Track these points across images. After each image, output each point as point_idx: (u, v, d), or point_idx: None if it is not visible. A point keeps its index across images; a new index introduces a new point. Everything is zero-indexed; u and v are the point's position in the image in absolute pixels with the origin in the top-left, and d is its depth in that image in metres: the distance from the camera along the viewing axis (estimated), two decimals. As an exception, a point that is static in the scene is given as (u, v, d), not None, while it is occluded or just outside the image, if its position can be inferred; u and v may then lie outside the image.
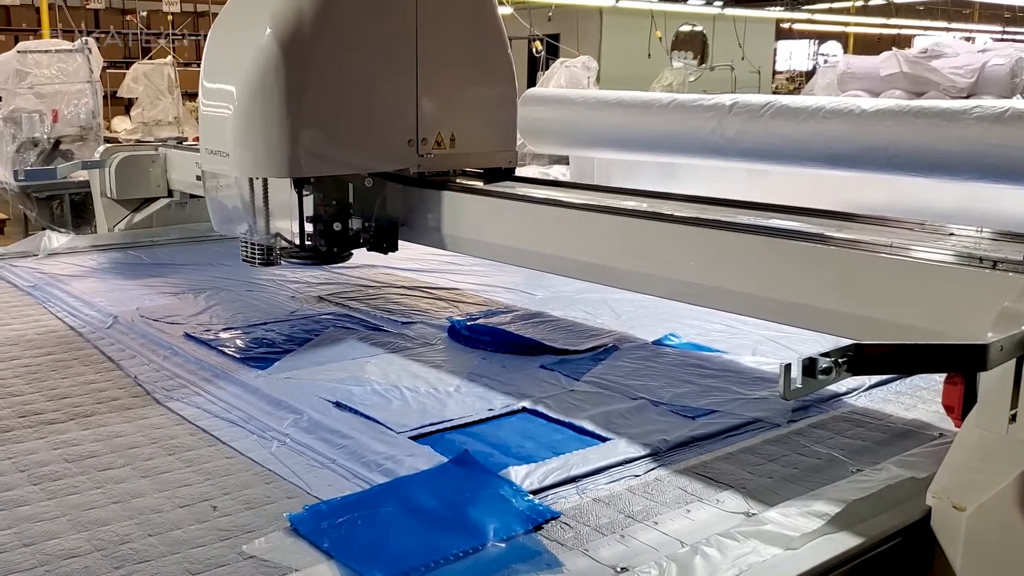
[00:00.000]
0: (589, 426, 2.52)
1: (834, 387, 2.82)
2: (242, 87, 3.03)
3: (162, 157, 5.12)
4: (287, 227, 3.36)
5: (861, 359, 1.65)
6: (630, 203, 2.93)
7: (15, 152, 10.05)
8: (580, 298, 3.90)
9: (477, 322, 3.48)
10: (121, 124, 15.86)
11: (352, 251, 3.46)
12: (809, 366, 1.60)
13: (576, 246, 2.89)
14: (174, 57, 18.37)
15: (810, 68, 25.84)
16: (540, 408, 2.66)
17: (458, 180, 3.42)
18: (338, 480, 2.21)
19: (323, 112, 3.07)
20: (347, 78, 3.12)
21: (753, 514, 2.03)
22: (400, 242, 3.45)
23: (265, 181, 3.21)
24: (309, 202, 3.30)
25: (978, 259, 2.11)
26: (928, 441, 2.47)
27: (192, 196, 5.09)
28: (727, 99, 5.75)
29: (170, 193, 5.15)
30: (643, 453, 2.35)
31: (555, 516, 2.03)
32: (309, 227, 3.35)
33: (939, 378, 2.27)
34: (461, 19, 3.39)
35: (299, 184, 3.19)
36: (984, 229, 2.48)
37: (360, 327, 3.50)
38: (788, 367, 1.59)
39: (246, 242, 3.37)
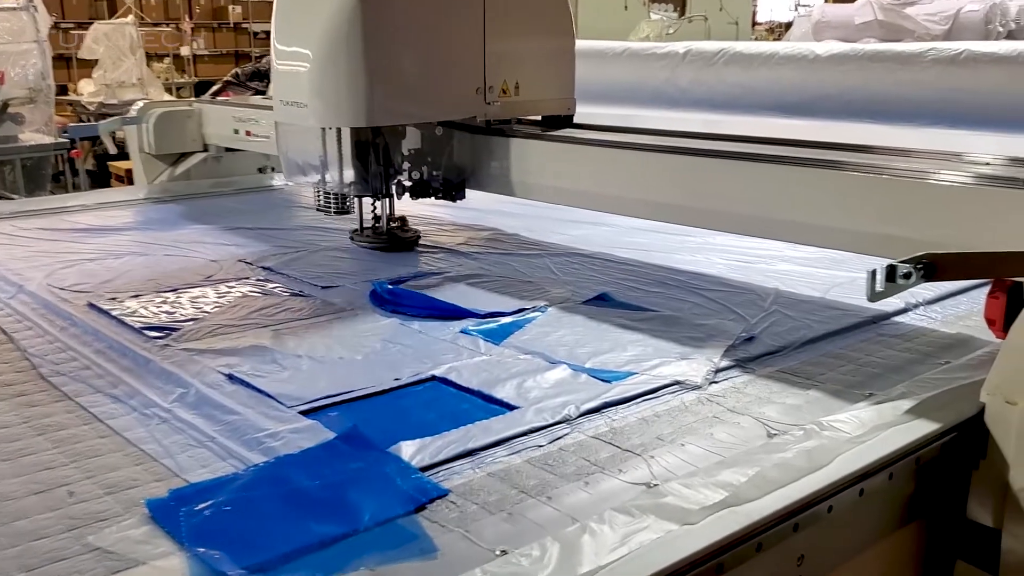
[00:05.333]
0: (499, 394, 2.36)
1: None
2: (321, 39, 3.21)
3: (197, 112, 5.41)
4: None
5: (937, 266, 1.93)
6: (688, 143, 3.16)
7: (-38, 115, 9.76)
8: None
9: (401, 286, 3.30)
10: (87, 87, 15.51)
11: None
12: (890, 272, 1.89)
13: (646, 186, 3.15)
14: (138, 15, 17.95)
15: (791, 19, 25.49)
16: (451, 376, 2.49)
17: (523, 128, 3.61)
18: (213, 460, 2.04)
19: (398, 61, 3.26)
20: (421, 28, 3.30)
21: (655, 485, 1.87)
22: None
23: (339, 131, 3.39)
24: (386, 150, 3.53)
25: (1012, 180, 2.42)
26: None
27: (227, 150, 5.41)
28: (680, 47, 5.55)
29: (205, 148, 5.44)
30: (550, 422, 2.19)
31: (443, 494, 1.86)
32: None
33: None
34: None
35: (376, 134, 3.39)
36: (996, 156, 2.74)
37: (278, 292, 3.31)
38: (873, 272, 1.90)
39: (319, 192, 3.79)
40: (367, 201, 3.87)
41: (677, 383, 2.44)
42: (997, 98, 4.26)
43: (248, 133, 5.05)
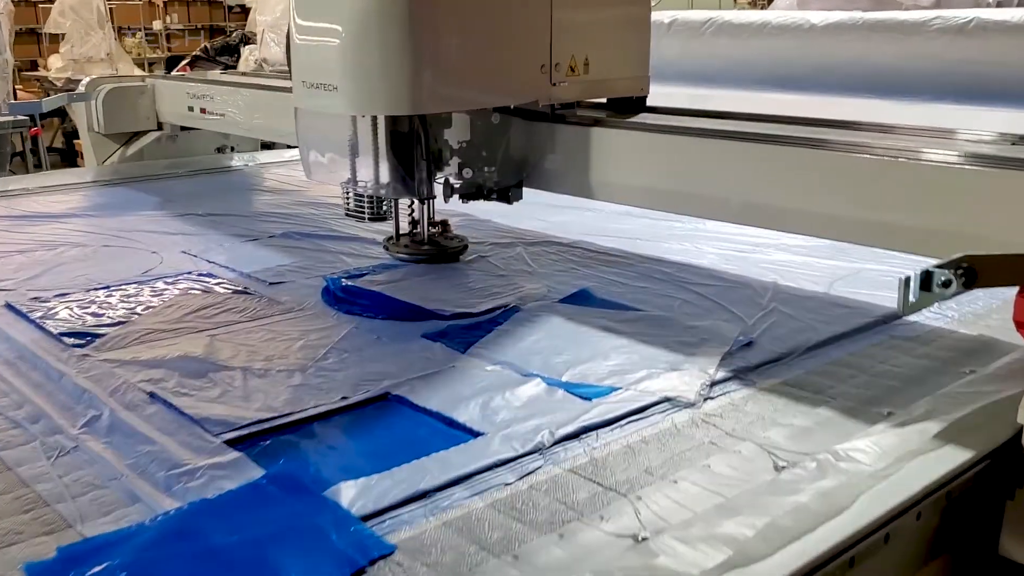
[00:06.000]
0: (461, 416, 2.03)
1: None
2: (355, 7, 2.56)
3: (150, 88, 5.02)
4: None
5: (976, 270, 1.65)
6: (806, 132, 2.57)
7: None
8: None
9: (357, 281, 2.96)
10: (56, 62, 15.02)
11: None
12: (926, 279, 1.62)
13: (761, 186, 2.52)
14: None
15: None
16: (408, 394, 2.17)
17: (590, 113, 2.96)
18: (118, 506, 1.71)
19: (449, 35, 2.63)
20: None
21: (644, 539, 1.56)
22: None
23: (375, 120, 2.74)
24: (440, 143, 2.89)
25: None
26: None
27: (183, 128, 5.04)
28: (665, 16, 5.19)
29: (159, 126, 5.07)
30: (519, 452, 1.87)
31: (386, 553, 1.54)
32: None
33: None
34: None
35: (419, 123, 2.75)
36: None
37: (219, 289, 2.97)
38: (907, 281, 1.63)
39: (349, 195, 2.94)
40: (403, 203, 3.24)
41: (667, 400, 2.12)
42: (1009, 70, 3.94)
43: (203, 111, 4.69)
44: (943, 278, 1.62)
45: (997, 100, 3.95)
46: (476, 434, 1.96)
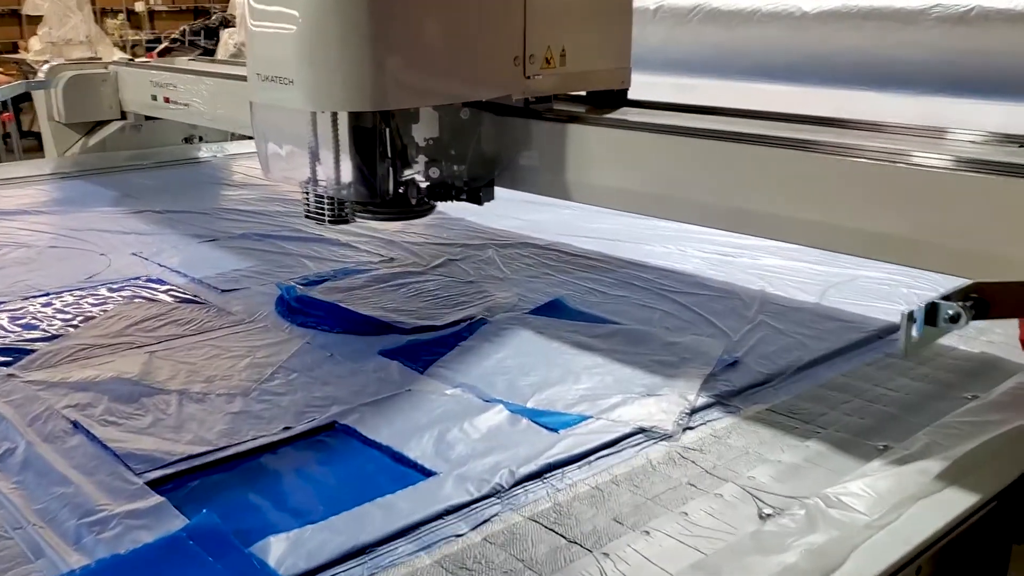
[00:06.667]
0: (413, 452, 1.84)
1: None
2: None
3: (113, 76, 4.79)
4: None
5: (987, 301, 1.50)
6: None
7: None
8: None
9: (315, 289, 2.76)
10: (36, 45, 14.71)
11: (436, 203, 2.76)
12: (931, 313, 1.47)
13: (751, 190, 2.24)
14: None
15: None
16: (356, 423, 1.97)
17: (567, 107, 2.75)
18: (18, 562, 1.51)
19: (414, 23, 2.38)
20: None
21: (613, 614, 1.37)
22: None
23: (335, 116, 2.44)
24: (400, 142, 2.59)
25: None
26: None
27: (148, 118, 4.82)
28: (651, 2, 4.98)
29: (123, 115, 4.84)
30: (474, 496, 1.67)
31: (315, 623, 1.35)
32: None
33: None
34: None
35: (383, 119, 2.47)
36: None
37: (166, 298, 2.77)
38: (910, 315, 1.46)
39: (308, 195, 2.66)
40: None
41: (642, 431, 1.93)
42: (1010, 62, 3.75)
43: (167, 99, 4.46)
44: (951, 311, 1.44)
45: (997, 93, 3.76)
46: (428, 473, 1.76)
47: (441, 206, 3.49)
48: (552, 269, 3.05)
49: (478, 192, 2.77)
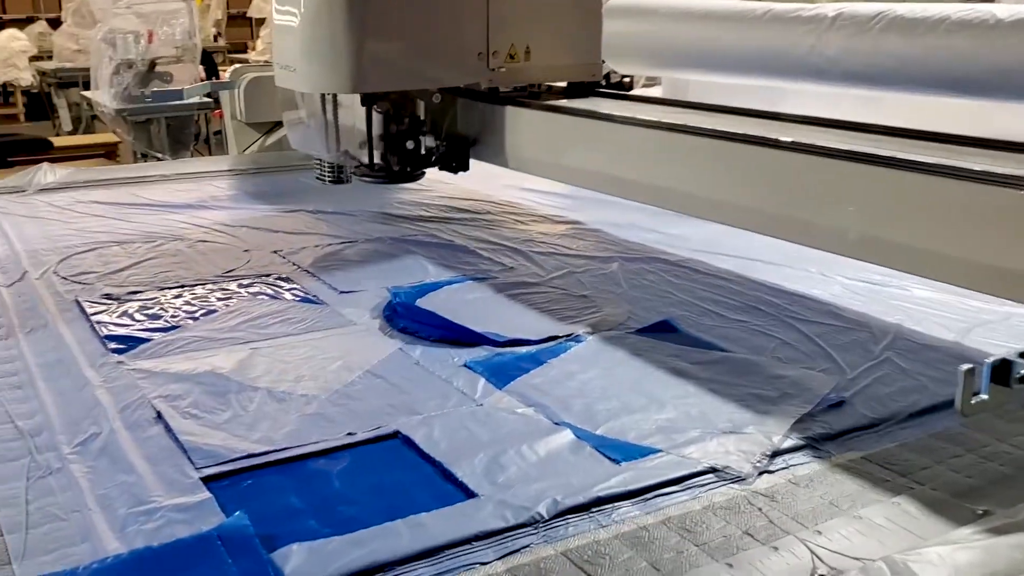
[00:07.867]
0: (461, 471, 1.79)
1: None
2: None
3: None
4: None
5: None
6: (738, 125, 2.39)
7: (112, 74, 9.89)
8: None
9: (426, 296, 2.77)
10: (259, 46, 15.72)
11: (424, 170, 3.28)
12: (1000, 368, 1.32)
13: (660, 172, 2.51)
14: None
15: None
16: (419, 434, 1.94)
17: (535, 96, 3.17)
18: (66, 543, 1.58)
19: (389, 22, 2.95)
20: None
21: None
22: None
23: (335, 97, 3.15)
24: (380, 119, 3.14)
25: None
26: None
27: None
28: (830, 9, 4.70)
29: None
30: (509, 523, 1.61)
31: (309, 640, 1.34)
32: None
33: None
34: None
35: (369, 100, 3.06)
36: None
37: (290, 295, 2.85)
38: (971, 371, 1.32)
39: (319, 160, 3.49)
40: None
41: (713, 470, 1.80)
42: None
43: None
44: None
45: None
46: (471, 494, 1.71)
47: (580, 217, 3.51)
48: (674, 287, 2.91)
49: (451, 163, 3.21)
